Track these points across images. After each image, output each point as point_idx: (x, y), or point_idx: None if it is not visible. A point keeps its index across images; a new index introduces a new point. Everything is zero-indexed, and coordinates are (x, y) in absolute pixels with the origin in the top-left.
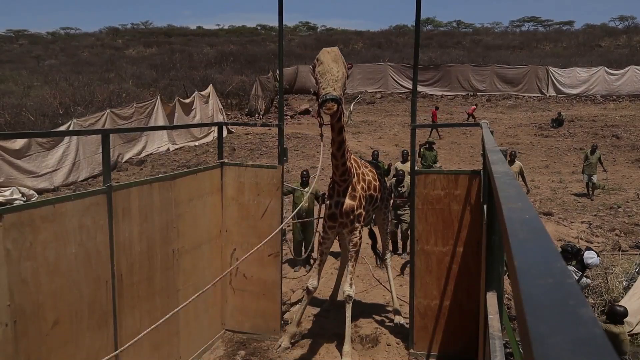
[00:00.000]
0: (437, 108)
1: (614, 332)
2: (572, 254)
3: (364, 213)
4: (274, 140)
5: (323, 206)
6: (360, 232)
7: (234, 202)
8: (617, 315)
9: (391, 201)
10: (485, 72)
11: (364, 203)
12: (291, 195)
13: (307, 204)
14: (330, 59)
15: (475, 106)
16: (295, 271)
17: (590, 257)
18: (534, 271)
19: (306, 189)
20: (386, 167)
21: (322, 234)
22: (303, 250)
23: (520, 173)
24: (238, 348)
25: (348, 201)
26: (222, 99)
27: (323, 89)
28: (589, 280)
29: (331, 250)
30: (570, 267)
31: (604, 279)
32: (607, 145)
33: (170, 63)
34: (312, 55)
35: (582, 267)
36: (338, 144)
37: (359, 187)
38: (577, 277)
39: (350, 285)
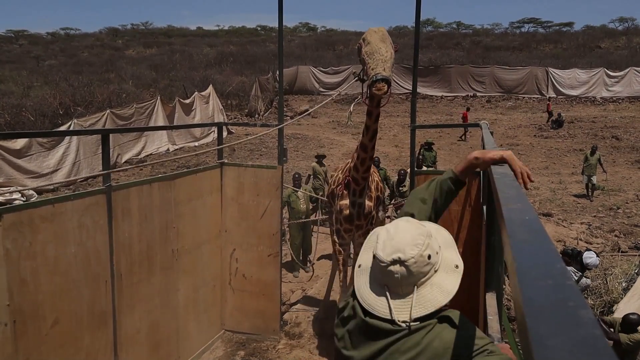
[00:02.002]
0: (468, 109)
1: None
2: (570, 257)
3: (375, 216)
4: (274, 141)
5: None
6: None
7: (233, 202)
8: (632, 324)
9: (391, 202)
10: (485, 73)
11: (375, 204)
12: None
13: (305, 206)
14: (378, 38)
15: (549, 101)
16: (295, 276)
17: (589, 257)
18: (534, 272)
19: (300, 192)
20: (390, 177)
21: (338, 240)
22: (301, 253)
23: None
24: (237, 348)
25: (366, 202)
26: (222, 99)
27: (372, 69)
28: (588, 281)
29: (325, 252)
30: (569, 268)
31: (604, 280)
32: (607, 147)
33: (170, 63)
34: (312, 55)
35: (582, 267)
36: (372, 133)
37: (372, 187)
38: (576, 278)
39: None
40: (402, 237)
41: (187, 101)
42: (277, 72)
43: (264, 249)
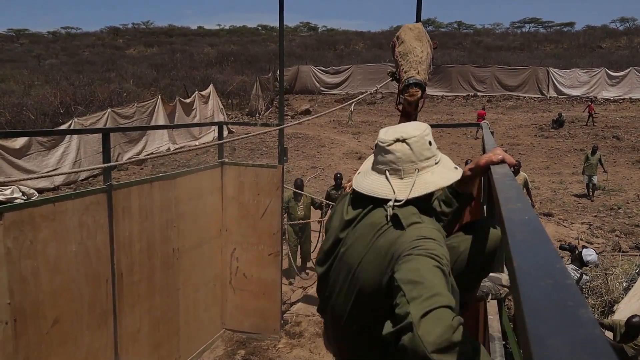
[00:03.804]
0: (484, 108)
1: None
2: (569, 252)
3: None
4: (275, 140)
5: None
6: None
7: (234, 202)
8: (636, 327)
9: None
10: (485, 73)
11: None
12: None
13: (303, 212)
14: (413, 36)
15: (592, 103)
16: (290, 283)
17: (589, 254)
18: (533, 272)
19: (300, 202)
20: None
21: None
22: (299, 260)
23: (525, 185)
24: (238, 347)
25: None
26: (222, 99)
27: (405, 72)
28: (588, 277)
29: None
30: (571, 266)
31: (604, 280)
32: (608, 147)
33: (171, 63)
34: (313, 55)
35: (581, 264)
36: None
37: None
38: (577, 276)
39: None
40: (404, 126)
41: (188, 100)
42: (278, 72)
43: (264, 249)
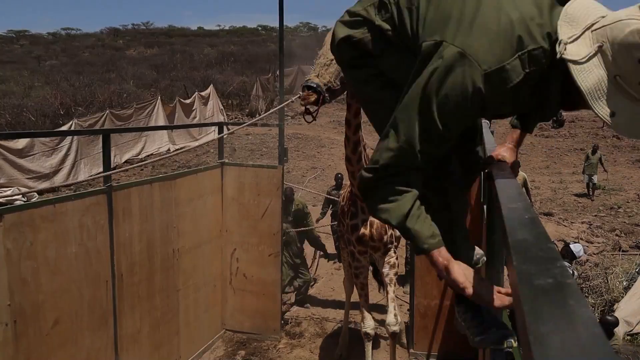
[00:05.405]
0: None
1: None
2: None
3: (395, 233)
4: (275, 141)
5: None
6: (396, 253)
7: (234, 202)
8: (608, 325)
9: None
10: None
11: None
12: None
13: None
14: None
15: None
16: (286, 292)
17: (578, 248)
18: (533, 271)
19: (290, 220)
20: None
21: (353, 263)
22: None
23: (524, 185)
24: (238, 348)
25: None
26: (222, 99)
27: (308, 78)
28: (577, 273)
29: (327, 251)
30: (565, 262)
31: (604, 279)
32: (608, 146)
33: (171, 63)
34: (313, 55)
35: (572, 260)
36: (353, 145)
37: None
38: (571, 272)
39: (395, 316)
40: None
41: (188, 101)
42: (278, 72)
43: (264, 249)
